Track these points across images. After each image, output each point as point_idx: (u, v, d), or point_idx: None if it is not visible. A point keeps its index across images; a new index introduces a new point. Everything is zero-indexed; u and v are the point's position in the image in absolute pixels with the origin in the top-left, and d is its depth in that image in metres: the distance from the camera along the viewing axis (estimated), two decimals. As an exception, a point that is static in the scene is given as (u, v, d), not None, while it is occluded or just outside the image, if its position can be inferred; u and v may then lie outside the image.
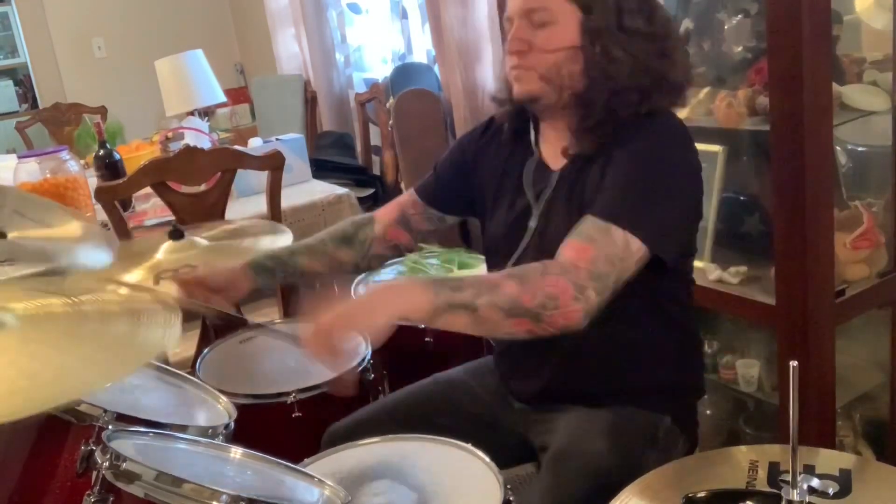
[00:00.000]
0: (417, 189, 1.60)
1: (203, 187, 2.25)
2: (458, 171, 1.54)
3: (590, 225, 1.20)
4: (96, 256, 1.50)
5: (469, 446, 1.32)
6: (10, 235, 1.42)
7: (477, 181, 1.51)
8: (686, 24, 1.84)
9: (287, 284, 2.28)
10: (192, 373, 1.74)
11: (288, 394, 1.64)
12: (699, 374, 1.46)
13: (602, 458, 1.24)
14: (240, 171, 2.31)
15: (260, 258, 1.59)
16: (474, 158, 1.52)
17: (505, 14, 1.36)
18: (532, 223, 1.38)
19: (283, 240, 1.88)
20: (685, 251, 1.35)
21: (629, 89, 1.27)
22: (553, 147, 1.39)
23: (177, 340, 0.98)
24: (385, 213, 1.61)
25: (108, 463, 1.04)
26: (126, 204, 2.57)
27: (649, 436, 1.34)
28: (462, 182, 1.53)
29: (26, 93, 5.87)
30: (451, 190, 1.55)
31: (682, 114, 1.76)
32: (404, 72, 3.58)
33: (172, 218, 2.19)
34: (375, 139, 3.84)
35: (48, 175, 2.42)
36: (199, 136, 2.96)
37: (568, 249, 1.18)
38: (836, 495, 0.96)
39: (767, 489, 0.98)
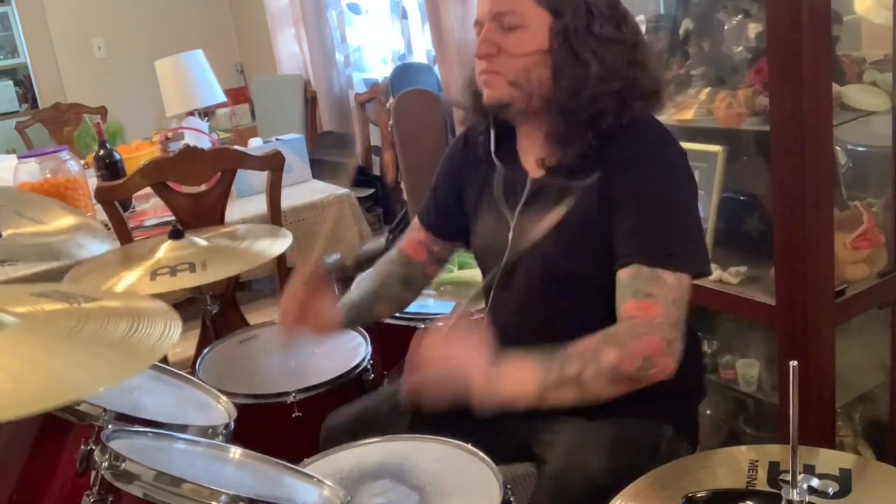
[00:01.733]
0: (427, 226, 1.57)
1: (203, 187, 2.25)
2: (452, 192, 1.52)
3: (641, 278, 1.20)
4: (93, 246, 1.51)
5: (469, 446, 1.32)
6: (6, 233, 1.43)
7: (465, 196, 1.50)
8: (686, 24, 1.83)
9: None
10: (192, 373, 1.74)
11: (288, 394, 1.64)
12: (699, 377, 1.45)
13: (602, 477, 1.22)
14: (240, 171, 2.31)
15: (347, 314, 1.54)
16: (460, 175, 1.51)
17: (474, 18, 1.35)
18: (510, 235, 1.38)
19: (281, 242, 1.88)
20: None
21: (604, 96, 1.26)
22: (529, 155, 1.39)
23: (175, 342, 0.98)
24: (417, 254, 1.59)
25: (107, 463, 1.04)
26: (126, 204, 2.57)
27: (651, 447, 1.32)
28: (456, 203, 1.52)
29: (26, 93, 5.88)
30: (449, 215, 1.54)
31: (682, 114, 1.77)
32: (404, 72, 3.58)
33: (172, 218, 2.19)
34: (375, 139, 3.84)
35: (48, 175, 2.42)
36: (199, 136, 2.96)
37: (632, 309, 1.19)
38: (836, 495, 0.96)
39: (767, 489, 0.98)
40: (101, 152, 2.67)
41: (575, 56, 1.26)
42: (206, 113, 3.96)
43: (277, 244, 1.86)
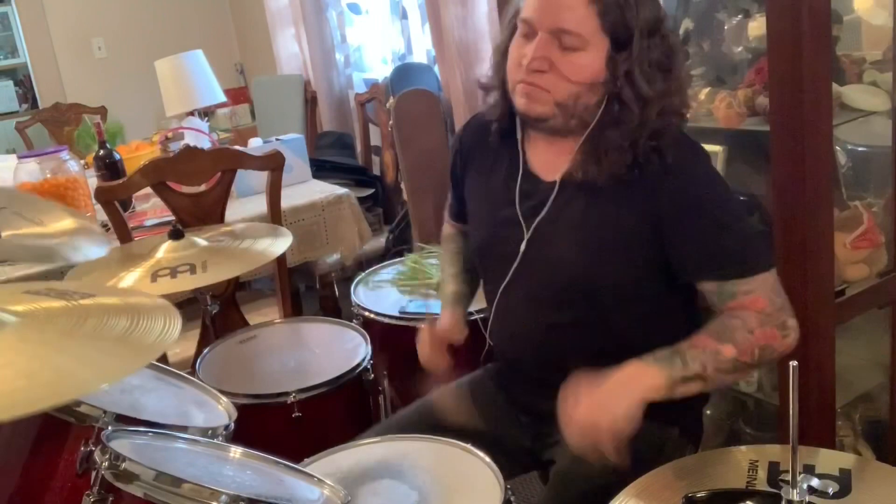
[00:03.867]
0: (453, 216, 1.61)
1: (203, 187, 2.25)
2: (461, 181, 1.52)
3: (729, 284, 1.24)
4: (90, 250, 1.50)
5: (469, 446, 1.32)
6: (5, 234, 1.42)
7: (468, 185, 1.49)
8: (686, 24, 1.83)
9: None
10: (192, 373, 1.75)
11: (288, 394, 1.64)
12: None
13: (608, 477, 1.22)
14: (240, 171, 2.30)
15: (462, 305, 1.59)
16: (467, 157, 1.49)
17: (521, 14, 1.27)
18: (523, 246, 1.35)
19: (282, 242, 1.87)
20: None
21: (643, 124, 1.23)
22: (544, 160, 1.35)
23: (176, 337, 0.98)
24: (463, 233, 1.62)
25: (107, 463, 1.04)
26: (126, 204, 2.57)
27: (656, 450, 1.32)
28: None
29: (26, 93, 5.87)
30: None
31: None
32: (404, 72, 3.58)
33: (172, 218, 2.19)
34: (375, 139, 3.84)
35: (48, 175, 2.42)
36: (199, 136, 2.96)
37: (737, 306, 1.23)
38: (836, 495, 0.96)
39: (767, 489, 0.98)
40: (101, 152, 2.67)
41: (634, 91, 1.22)
42: (206, 113, 3.96)
43: (277, 244, 1.86)
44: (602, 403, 1.15)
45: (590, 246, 1.29)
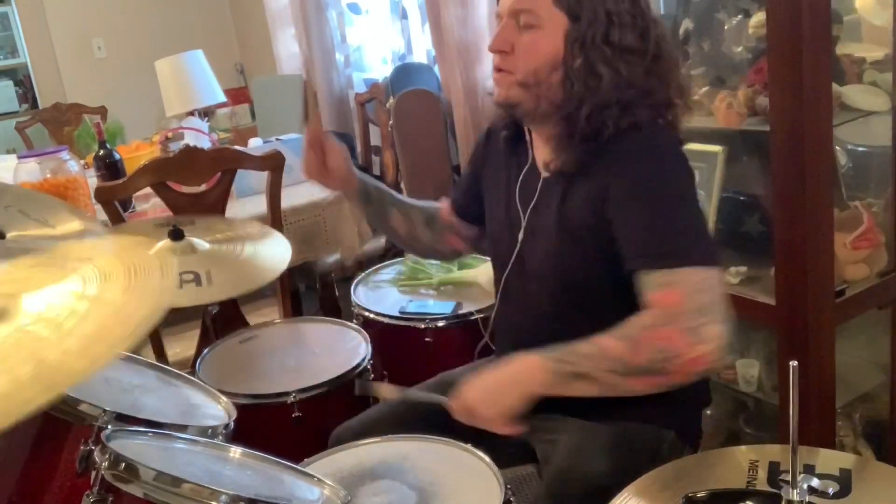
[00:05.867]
0: (451, 200, 1.62)
1: (203, 187, 2.25)
2: (472, 180, 1.56)
3: (655, 274, 1.16)
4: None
5: (469, 446, 1.32)
6: (10, 235, 1.42)
7: (484, 188, 1.52)
8: (686, 24, 1.83)
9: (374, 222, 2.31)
10: (192, 373, 1.74)
11: (288, 394, 1.64)
12: (704, 383, 1.43)
13: (603, 478, 1.22)
14: (240, 171, 2.30)
15: (370, 184, 1.61)
16: (482, 165, 1.53)
17: (496, 10, 1.33)
18: (520, 234, 1.38)
19: (283, 251, 1.85)
20: None
21: (610, 104, 1.23)
22: (542, 154, 1.38)
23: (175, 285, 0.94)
24: (444, 218, 1.63)
25: (107, 463, 1.04)
26: (126, 204, 2.57)
27: (652, 452, 1.32)
28: (476, 191, 1.54)
29: (26, 93, 5.88)
30: (471, 200, 1.57)
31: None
32: (404, 72, 3.58)
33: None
34: (375, 139, 3.84)
35: (48, 175, 2.42)
36: (199, 136, 2.96)
37: (652, 300, 1.15)
38: (836, 495, 0.96)
39: (767, 489, 0.98)
40: (101, 152, 2.67)
41: (589, 67, 1.23)
42: (206, 113, 3.96)
43: (278, 247, 1.84)
44: (490, 395, 1.20)
45: (563, 238, 1.30)
